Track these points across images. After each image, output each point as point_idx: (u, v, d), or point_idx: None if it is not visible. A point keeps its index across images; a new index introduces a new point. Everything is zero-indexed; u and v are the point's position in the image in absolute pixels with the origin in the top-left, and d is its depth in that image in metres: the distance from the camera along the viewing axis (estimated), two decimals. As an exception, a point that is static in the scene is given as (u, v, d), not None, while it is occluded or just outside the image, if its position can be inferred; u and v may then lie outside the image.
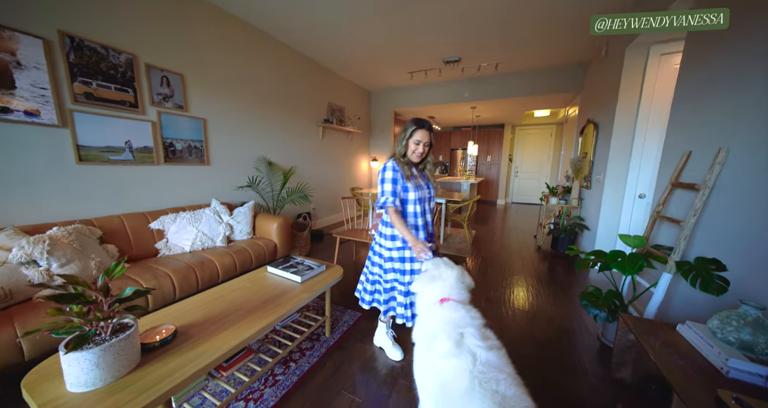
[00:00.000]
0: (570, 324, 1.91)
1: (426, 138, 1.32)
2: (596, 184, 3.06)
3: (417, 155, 1.34)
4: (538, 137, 7.23)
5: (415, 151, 1.33)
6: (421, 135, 1.31)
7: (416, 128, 1.31)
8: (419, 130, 1.31)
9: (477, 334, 0.77)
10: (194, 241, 2.17)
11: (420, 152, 1.33)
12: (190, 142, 2.52)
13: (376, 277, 1.53)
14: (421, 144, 1.32)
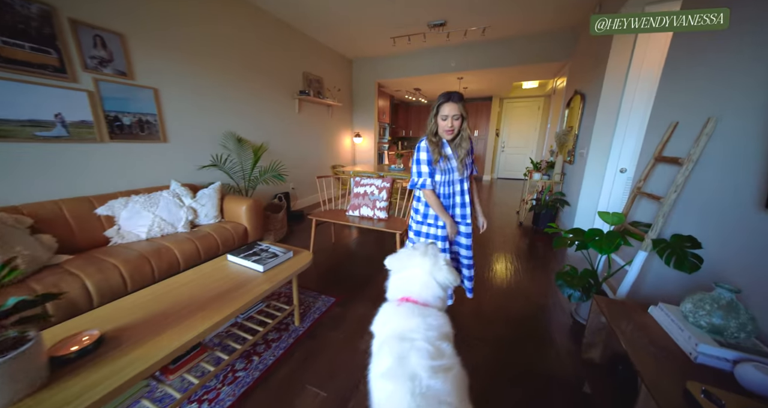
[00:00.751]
0: (546, 301, 1.92)
1: (454, 110, 1.22)
2: (579, 158, 2.99)
3: (447, 131, 1.26)
4: (526, 110, 7.04)
5: (444, 127, 1.25)
6: (448, 108, 1.22)
7: (442, 102, 1.23)
8: (446, 104, 1.22)
9: (425, 353, 0.63)
10: (151, 228, 1.98)
11: (449, 128, 1.24)
12: (141, 115, 2.23)
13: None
14: (450, 118, 1.22)
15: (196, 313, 1.10)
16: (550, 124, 5.08)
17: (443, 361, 0.62)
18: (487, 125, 7.15)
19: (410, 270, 0.88)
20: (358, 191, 2.56)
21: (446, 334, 0.73)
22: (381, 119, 5.92)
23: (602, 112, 2.64)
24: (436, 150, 1.31)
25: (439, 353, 0.64)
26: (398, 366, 0.60)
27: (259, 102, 3.31)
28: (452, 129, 1.25)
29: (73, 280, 1.41)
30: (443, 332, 0.73)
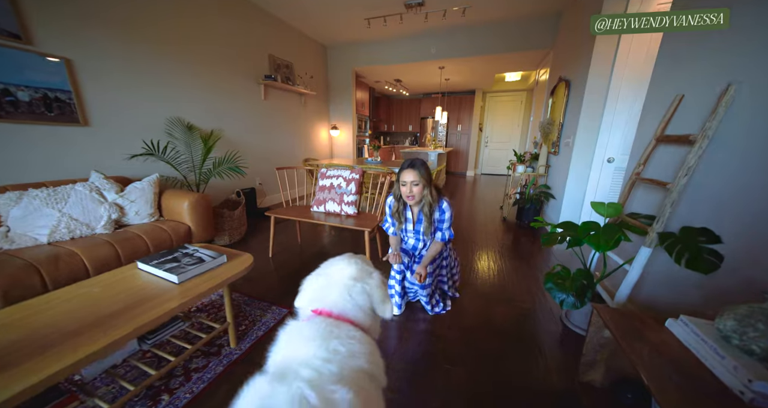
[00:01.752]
0: (531, 305, 1.69)
1: (412, 176, 1.30)
2: (564, 148, 2.82)
3: (409, 198, 1.34)
4: (509, 105, 6.93)
5: (404, 193, 1.35)
6: (405, 175, 1.31)
7: (401, 169, 1.33)
8: (403, 171, 1.32)
9: (304, 394, 0.42)
10: (56, 229, 1.59)
11: (408, 194, 1.33)
12: (47, 91, 1.80)
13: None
14: (408, 184, 1.31)
15: (61, 344, 0.78)
16: (533, 117, 4.94)
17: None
18: (470, 120, 6.99)
19: (330, 273, 0.69)
20: (323, 184, 2.24)
21: (357, 370, 0.49)
22: (360, 111, 5.60)
23: (589, 99, 2.47)
24: (396, 213, 1.46)
25: (321, 397, 0.41)
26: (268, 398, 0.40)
27: (215, 85, 2.91)
28: (411, 195, 1.32)
29: None
30: (353, 367, 0.48)
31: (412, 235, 1.53)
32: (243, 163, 2.70)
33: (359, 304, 0.63)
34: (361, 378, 0.48)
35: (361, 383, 0.48)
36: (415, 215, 1.47)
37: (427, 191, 1.36)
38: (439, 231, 1.45)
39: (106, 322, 0.90)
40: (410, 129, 7.78)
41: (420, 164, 1.33)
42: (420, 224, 1.46)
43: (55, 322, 0.88)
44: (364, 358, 0.51)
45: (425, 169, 1.34)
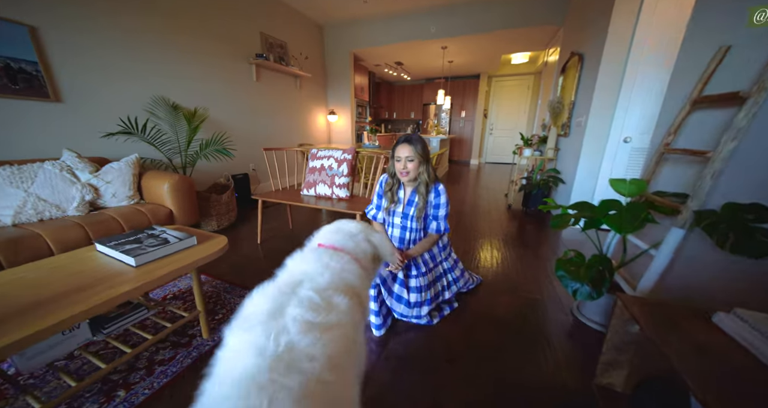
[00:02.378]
0: (538, 295, 1.54)
1: (407, 152, 1.18)
2: (576, 129, 2.61)
3: (402, 174, 1.23)
4: (515, 90, 6.62)
5: (398, 169, 1.23)
6: (399, 150, 1.20)
7: (396, 144, 1.22)
8: (398, 146, 1.21)
9: (308, 301, 0.46)
10: (21, 210, 1.47)
11: (402, 169, 1.21)
12: (9, 61, 1.65)
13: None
14: (403, 160, 1.20)
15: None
16: (542, 99, 4.68)
17: (325, 317, 0.45)
18: (475, 106, 6.71)
19: (339, 226, 0.76)
20: (313, 165, 2.09)
21: (347, 283, 0.57)
22: (359, 96, 5.38)
23: (605, 74, 2.24)
24: (389, 191, 1.32)
25: (325, 306, 0.47)
26: (269, 316, 0.43)
27: (203, 63, 2.73)
28: (406, 170, 1.21)
29: None
30: (344, 279, 0.57)
31: (400, 220, 1.34)
32: (233, 147, 2.55)
33: (361, 248, 0.70)
34: (345, 286, 0.55)
35: (348, 292, 0.53)
36: (407, 195, 1.32)
37: (423, 169, 1.24)
38: (434, 220, 1.30)
39: (43, 307, 0.77)
40: (412, 116, 7.52)
41: (416, 139, 1.20)
42: (411, 206, 1.30)
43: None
44: (350, 274, 0.59)
45: (421, 145, 1.21)
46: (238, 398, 0.33)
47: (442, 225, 1.29)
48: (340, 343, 0.44)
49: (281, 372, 0.36)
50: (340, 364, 0.42)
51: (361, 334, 0.54)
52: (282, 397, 0.33)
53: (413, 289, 1.24)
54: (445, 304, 1.38)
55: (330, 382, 0.39)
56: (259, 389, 0.34)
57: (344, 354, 0.44)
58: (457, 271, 1.44)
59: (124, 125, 1.96)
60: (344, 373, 0.43)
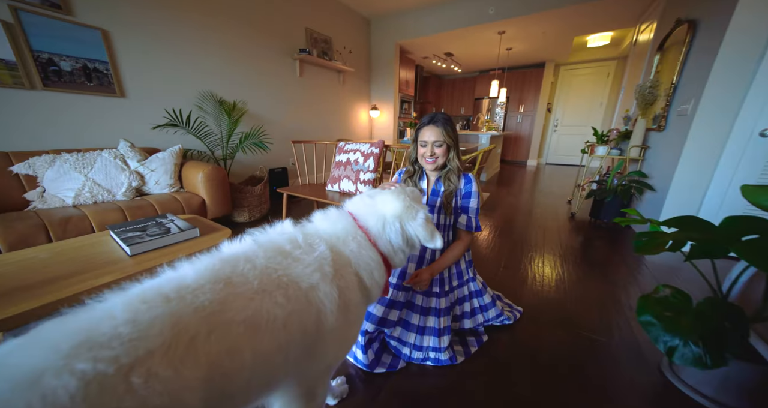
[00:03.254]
0: (604, 336, 1.14)
1: (434, 136, 0.97)
2: (677, 120, 1.98)
3: (427, 161, 1.01)
4: (590, 80, 5.63)
5: (423, 154, 1.01)
6: (428, 133, 0.99)
7: (421, 126, 1.02)
8: (423, 128, 1.00)
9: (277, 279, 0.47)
10: (80, 192, 1.64)
11: (429, 157, 1.00)
12: (86, 61, 1.88)
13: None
14: (429, 145, 0.99)
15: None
16: (626, 86, 3.83)
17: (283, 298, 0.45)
18: (536, 99, 5.91)
19: (376, 201, 0.69)
20: (340, 159, 1.96)
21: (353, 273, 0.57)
22: (404, 91, 5.16)
23: (731, 46, 1.65)
24: (409, 181, 1.09)
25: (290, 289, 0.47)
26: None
27: (248, 59, 2.84)
28: (433, 157, 0.99)
29: None
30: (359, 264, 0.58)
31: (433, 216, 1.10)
32: (270, 141, 2.59)
33: (389, 239, 0.65)
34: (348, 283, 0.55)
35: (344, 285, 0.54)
36: (430, 185, 1.08)
37: (454, 154, 1.00)
38: (464, 212, 1.02)
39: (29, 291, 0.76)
40: (462, 112, 7.00)
41: (444, 120, 0.98)
42: (436, 197, 1.04)
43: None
44: (366, 271, 0.59)
45: (451, 127, 0.98)
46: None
47: (474, 220, 1.02)
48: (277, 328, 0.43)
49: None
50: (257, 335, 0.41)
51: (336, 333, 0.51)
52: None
53: (433, 311, 0.99)
54: (471, 336, 1.09)
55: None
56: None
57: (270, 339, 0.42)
58: (487, 296, 1.13)
59: (169, 117, 2.10)
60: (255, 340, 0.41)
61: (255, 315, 0.41)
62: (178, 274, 0.42)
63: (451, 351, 0.99)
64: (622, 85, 4.06)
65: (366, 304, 0.62)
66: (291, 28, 3.23)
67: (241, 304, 0.41)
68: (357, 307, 0.57)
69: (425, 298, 1.02)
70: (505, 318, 1.15)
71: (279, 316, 0.43)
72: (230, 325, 0.38)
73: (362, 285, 0.58)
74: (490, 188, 3.92)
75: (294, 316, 0.44)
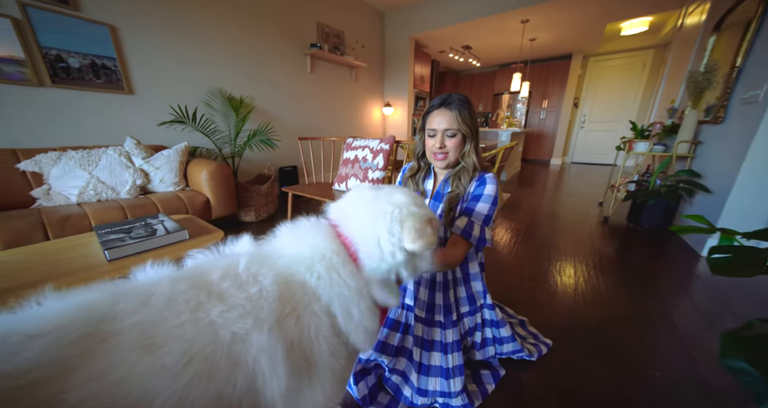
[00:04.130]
0: (659, 367, 0.93)
1: (446, 122, 0.76)
2: (741, 110, 1.69)
3: (436, 156, 0.80)
4: (623, 71, 5.18)
5: (431, 147, 0.80)
6: (436, 118, 0.77)
7: (429, 110, 0.79)
8: (433, 112, 0.78)
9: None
10: (84, 190, 1.61)
11: (440, 150, 0.78)
12: (94, 58, 1.86)
13: None
14: (440, 134, 0.77)
15: None
16: (667, 78, 3.44)
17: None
18: (561, 94, 5.53)
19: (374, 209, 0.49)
20: (347, 156, 1.83)
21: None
22: (419, 86, 4.97)
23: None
24: (411, 180, 0.89)
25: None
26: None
27: (257, 55, 2.78)
28: (443, 151, 0.78)
29: None
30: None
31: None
32: (278, 138, 2.50)
33: (381, 267, 0.45)
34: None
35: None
36: (437, 186, 0.88)
37: (470, 148, 0.79)
38: (465, 214, 0.77)
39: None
40: (480, 109, 6.70)
41: (460, 102, 0.76)
42: (439, 202, 0.83)
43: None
44: (342, 307, 0.41)
45: (468, 112, 0.76)
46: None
47: (477, 227, 0.75)
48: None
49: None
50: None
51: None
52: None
53: (437, 345, 0.82)
54: (485, 368, 0.90)
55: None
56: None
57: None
58: (506, 330, 0.91)
59: (175, 113, 2.05)
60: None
61: (111, 390, 0.25)
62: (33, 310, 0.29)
63: (465, 395, 0.78)
64: (663, 75, 3.67)
65: (349, 355, 0.45)
66: (302, 23, 3.14)
67: (95, 369, 0.26)
68: (329, 364, 0.40)
69: (426, 329, 0.82)
70: (525, 354, 0.93)
71: (164, 391, 0.27)
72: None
73: (336, 329, 0.41)
74: (510, 188, 3.66)
75: (198, 387, 0.29)
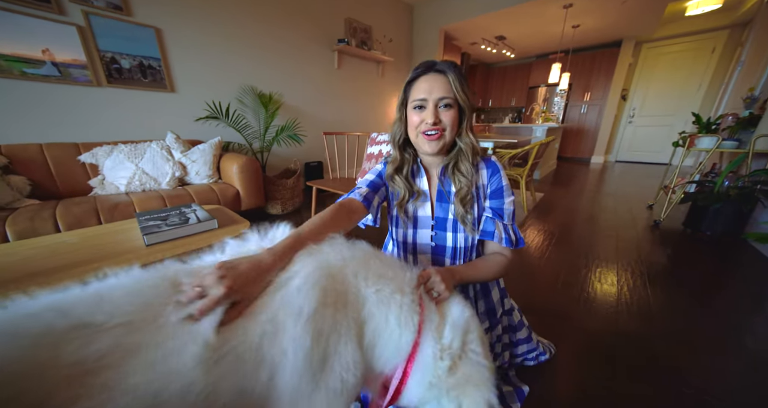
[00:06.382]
0: (722, 394, 0.79)
1: (440, 90, 0.58)
2: None
3: (426, 135, 0.60)
4: (686, 57, 4.58)
5: (416, 124, 0.61)
6: (423, 85, 0.59)
7: (413, 77, 0.62)
8: (419, 79, 0.61)
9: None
10: (131, 180, 1.76)
11: (433, 127, 0.59)
12: (142, 59, 2.02)
13: None
14: (430, 106, 0.59)
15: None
16: (744, 62, 2.97)
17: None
18: (606, 86, 5.03)
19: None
20: (371, 152, 1.81)
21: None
22: (449, 81, 4.79)
23: None
24: (398, 177, 0.68)
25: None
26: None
27: (286, 53, 2.84)
28: (439, 128, 0.59)
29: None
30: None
31: (430, 233, 0.70)
32: (305, 133, 2.56)
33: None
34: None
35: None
36: (433, 184, 0.69)
37: (466, 126, 0.62)
38: (497, 217, 0.64)
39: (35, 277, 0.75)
40: (513, 104, 6.33)
41: (451, 66, 0.60)
42: (446, 203, 0.66)
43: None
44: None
45: (461, 76, 0.60)
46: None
47: (513, 229, 0.64)
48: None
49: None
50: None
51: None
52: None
53: None
54: (507, 386, 0.81)
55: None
56: None
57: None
58: (525, 330, 0.84)
59: (210, 109, 2.16)
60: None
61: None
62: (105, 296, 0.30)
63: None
64: (740, 59, 3.17)
65: (358, 379, 0.39)
66: (331, 18, 3.16)
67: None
68: (341, 372, 0.37)
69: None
70: (541, 353, 0.85)
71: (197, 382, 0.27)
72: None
73: (361, 340, 0.40)
74: (543, 188, 3.42)
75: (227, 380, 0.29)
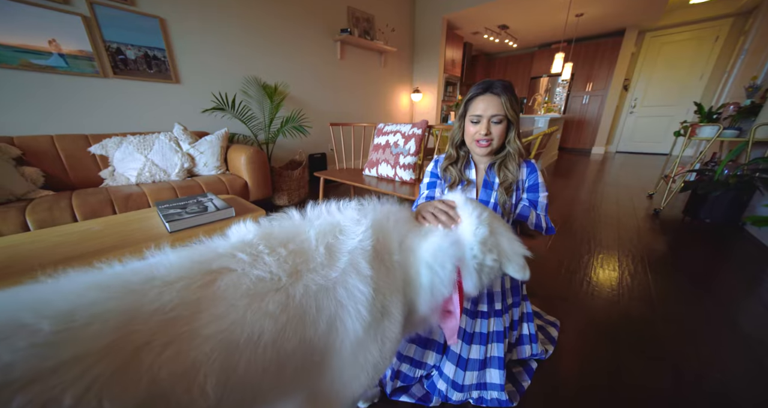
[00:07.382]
0: (719, 369, 0.85)
1: (493, 108, 0.72)
2: None
3: (479, 143, 0.75)
4: (689, 46, 4.54)
5: (473, 135, 0.76)
6: (480, 104, 0.73)
7: (474, 95, 0.75)
8: (477, 98, 0.74)
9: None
10: (141, 172, 1.78)
11: (486, 137, 0.74)
12: (147, 49, 2.01)
13: None
14: (485, 121, 0.73)
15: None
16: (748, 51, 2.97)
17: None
18: (608, 76, 5.00)
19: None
20: (378, 142, 1.82)
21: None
22: (450, 71, 4.76)
23: None
24: (452, 168, 0.83)
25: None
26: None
27: (290, 44, 2.82)
28: (488, 138, 0.74)
29: (16, 215, 1.24)
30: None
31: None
32: (309, 124, 2.56)
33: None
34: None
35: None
36: (480, 175, 0.83)
37: (514, 135, 0.76)
38: (533, 207, 0.79)
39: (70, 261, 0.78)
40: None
41: (504, 88, 0.73)
42: (490, 190, 0.80)
43: (22, 255, 0.82)
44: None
45: (515, 97, 0.73)
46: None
47: (545, 219, 0.78)
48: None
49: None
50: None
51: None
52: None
53: (479, 337, 0.78)
54: (518, 364, 0.87)
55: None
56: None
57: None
58: (533, 325, 0.90)
59: (216, 100, 2.16)
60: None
61: (232, 328, 0.31)
62: (158, 261, 0.34)
63: (504, 392, 0.76)
64: (743, 48, 3.17)
65: (404, 327, 0.47)
66: (333, 8, 3.12)
67: (219, 311, 0.31)
68: (391, 322, 0.44)
69: (469, 320, 0.78)
70: (540, 353, 0.89)
71: (268, 331, 0.32)
72: (194, 338, 0.28)
73: (407, 292, 0.47)
74: (545, 178, 3.45)
75: (290, 329, 0.34)
